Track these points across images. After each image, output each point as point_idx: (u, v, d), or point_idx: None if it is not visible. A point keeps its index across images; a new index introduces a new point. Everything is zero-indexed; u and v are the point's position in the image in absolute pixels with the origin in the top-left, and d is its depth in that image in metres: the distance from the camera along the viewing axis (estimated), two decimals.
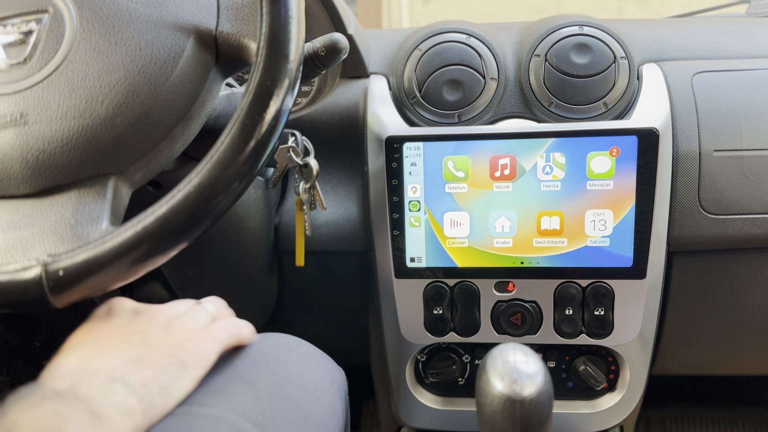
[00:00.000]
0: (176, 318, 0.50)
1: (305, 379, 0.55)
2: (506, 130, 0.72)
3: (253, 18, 0.54)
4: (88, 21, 0.52)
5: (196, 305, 0.54)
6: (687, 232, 0.73)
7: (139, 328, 0.48)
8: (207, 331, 0.50)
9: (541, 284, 0.75)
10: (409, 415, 0.86)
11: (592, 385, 0.80)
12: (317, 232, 0.79)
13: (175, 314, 0.51)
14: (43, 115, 0.50)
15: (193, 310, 0.53)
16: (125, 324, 0.48)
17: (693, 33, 0.82)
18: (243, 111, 0.48)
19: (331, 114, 0.80)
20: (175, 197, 0.47)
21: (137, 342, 0.46)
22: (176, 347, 0.47)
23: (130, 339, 0.46)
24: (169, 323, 0.49)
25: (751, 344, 0.86)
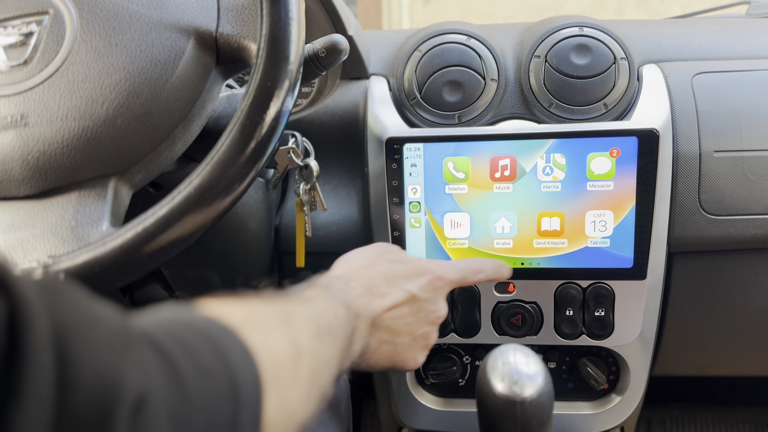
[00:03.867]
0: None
1: None
2: (506, 131, 0.72)
3: (254, 19, 0.54)
4: (88, 22, 0.52)
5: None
6: (687, 233, 0.73)
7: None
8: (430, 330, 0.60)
9: (542, 285, 0.75)
10: (409, 416, 0.86)
11: (593, 386, 0.80)
12: (317, 233, 0.79)
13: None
14: (43, 116, 0.50)
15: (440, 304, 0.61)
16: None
17: (693, 34, 0.82)
18: (243, 112, 0.48)
19: (331, 115, 0.80)
20: (175, 198, 0.47)
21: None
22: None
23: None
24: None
25: (752, 345, 0.85)
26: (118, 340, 0.27)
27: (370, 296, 0.54)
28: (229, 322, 0.34)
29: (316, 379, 0.40)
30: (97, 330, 0.26)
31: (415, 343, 0.58)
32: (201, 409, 0.29)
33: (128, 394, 0.25)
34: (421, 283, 0.58)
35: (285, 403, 0.36)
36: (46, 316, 0.24)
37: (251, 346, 0.34)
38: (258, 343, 0.34)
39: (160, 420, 0.26)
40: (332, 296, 0.49)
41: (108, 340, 0.26)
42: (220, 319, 0.34)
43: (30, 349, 0.22)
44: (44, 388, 0.23)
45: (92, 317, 0.27)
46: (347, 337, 0.47)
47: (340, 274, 0.56)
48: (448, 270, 0.61)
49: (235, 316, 0.36)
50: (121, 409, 0.25)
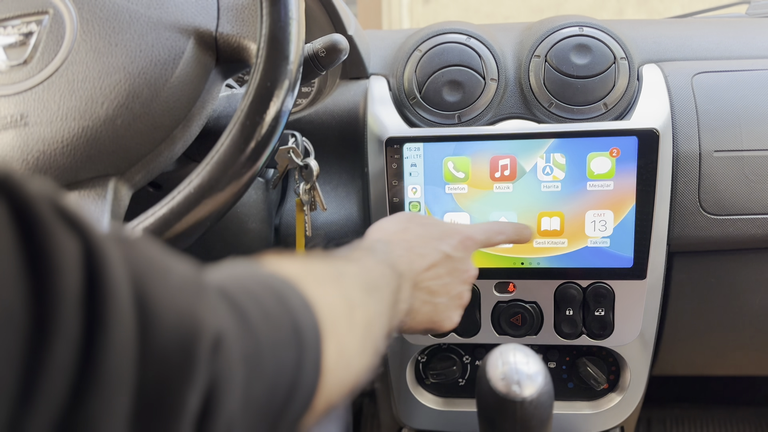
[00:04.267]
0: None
1: None
2: (506, 130, 0.72)
3: (254, 19, 0.54)
4: (88, 22, 0.52)
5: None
6: (687, 233, 0.73)
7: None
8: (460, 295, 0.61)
9: (542, 285, 0.75)
10: (409, 416, 0.86)
11: (593, 385, 0.80)
12: (317, 233, 0.79)
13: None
14: (43, 116, 0.50)
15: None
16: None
17: (693, 33, 0.82)
18: (243, 112, 0.48)
19: (331, 115, 0.79)
20: (175, 198, 0.47)
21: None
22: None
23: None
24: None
25: (752, 344, 0.85)
26: (192, 285, 0.28)
27: (411, 257, 0.55)
28: (288, 276, 0.36)
29: (369, 332, 0.42)
30: (172, 275, 0.27)
31: (451, 302, 0.59)
32: (269, 353, 0.31)
33: (207, 334, 0.26)
34: (453, 243, 0.59)
35: (342, 351, 0.37)
36: (121, 258, 0.24)
37: (309, 297, 0.35)
38: (315, 294, 0.36)
39: (236, 360, 0.28)
40: (376, 257, 0.50)
41: (183, 285, 0.27)
42: (280, 273, 0.36)
43: (109, 286, 0.23)
44: (126, 324, 0.23)
45: (166, 264, 0.27)
46: (393, 294, 0.48)
47: (380, 237, 0.57)
48: (475, 230, 0.63)
49: (292, 270, 0.37)
50: (201, 347, 0.26)
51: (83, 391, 0.21)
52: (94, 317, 0.22)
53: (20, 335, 0.20)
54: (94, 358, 0.22)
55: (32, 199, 0.22)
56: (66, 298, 0.21)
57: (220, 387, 0.27)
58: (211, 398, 0.26)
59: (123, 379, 0.23)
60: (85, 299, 0.22)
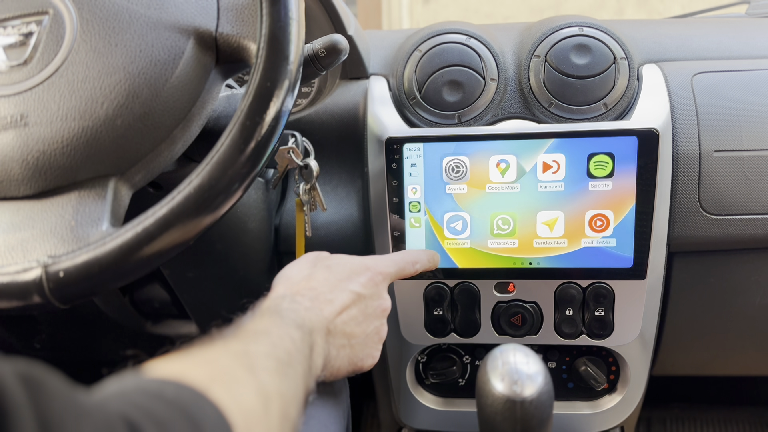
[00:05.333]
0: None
1: None
2: (506, 130, 0.72)
3: (253, 19, 0.54)
4: (88, 22, 0.52)
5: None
6: (687, 233, 0.73)
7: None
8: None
9: (542, 285, 0.75)
10: (409, 416, 0.86)
11: (593, 385, 0.80)
12: (317, 233, 0.79)
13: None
14: (43, 116, 0.50)
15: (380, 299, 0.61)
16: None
17: (693, 33, 0.82)
18: (243, 112, 0.48)
19: (331, 115, 0.80)
20: (175, 198, 0.47)
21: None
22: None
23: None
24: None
25: (752, 344, 0.86)
26: (103, 430, 0.27)
27: (319, 305, 0.54)
28: (197, 384, 0.34)
29: (286, 419, 0.41)
30: (83, 423, 0.26)
31: (368, 339, 0.59)
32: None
33: None
34: (362, 281, 0.59)
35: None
36: (31, 413, 0.23)
37: (223, 407, 0.34)
38: (228, 401, 0.35)
39: None
40: (283, 321, 0.49)
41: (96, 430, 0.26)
42: (187, 382, 0.34)
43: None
44: None
45: (77, 408, 0.26)
46: (307, 360, 0.48)
47: (284, 293, 0.55)
48: (385, 264, 0.62)
49: (200, 374, 0.36)
50: None
51: None
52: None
53: None
54: None
55: None
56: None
57: None
58: None
59: None
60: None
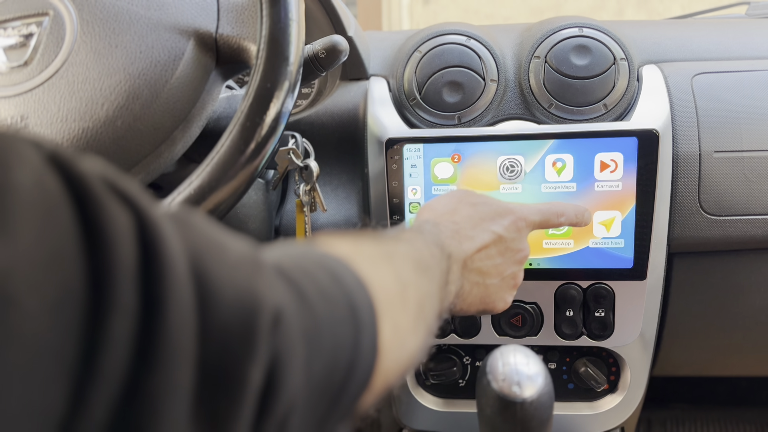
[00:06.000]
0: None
1: None
2: (506, 131, 0.72)
3: (253, 20, 0.54)
4: (88, 24, 0.52)
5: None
6: (687, 233, 0.73)
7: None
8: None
9: (542, 286, 0.75)
10: (409, 417, 0.86)
11: (593, 386, 0.80)
12: (318, 233, 0.79)
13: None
14: (43, 117, 0.50)
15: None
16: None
17: (693, 34, 0.82)
18: (243, 113, 0.48)
19: (331, 116, 0.80)
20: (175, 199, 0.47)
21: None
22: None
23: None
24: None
25: (752, 345, 0.85)
26: (249, 262, 0.27)
27: (459, 239, 0.54)
28: (341, 255, 0.36)
29: (421, 311, 0.42)
30: (229, 252, 0.27)
31: (504, 283, 0.59)
32: (328, 330, 0.31)
33: (266, 309, 0.26)
34: (505, 224, 0.58)
35: (397, 329, 0.38)
36: (177, 234, 0.24)
37: (363, 276, 0.36)
38: (368, 273, 0.36)
39: (296, 336, 0.28)
40: (425, 238, 0.50)
41: (240, 261, 0.27)
42: (333, 253, 0.36)
43: (165, 261, 0.22)
44: (185, 299, 0.23)
45: (222, 241, 0.27)
46: (444, 275, 0.48)
47: (428, 218, 0.56)
48: (530, 211, 0.61)
49: (345, 250, 0.38)
50: (261, 323, 0.25)
51: (144, 367, 0.21)
52: (152, 292, 0.22)
53: (78, 310, 0.20)
54: (153, 333, 0.21)
55: (85, 175, 0.22)
56: (121, 273, 0.21)
57: (282, 363, 0.26)
58: (274, 374, 0.26)
59: (184, 355, 0.22)
60: (142, 274, 0.22)
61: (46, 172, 0.21)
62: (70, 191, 0.21)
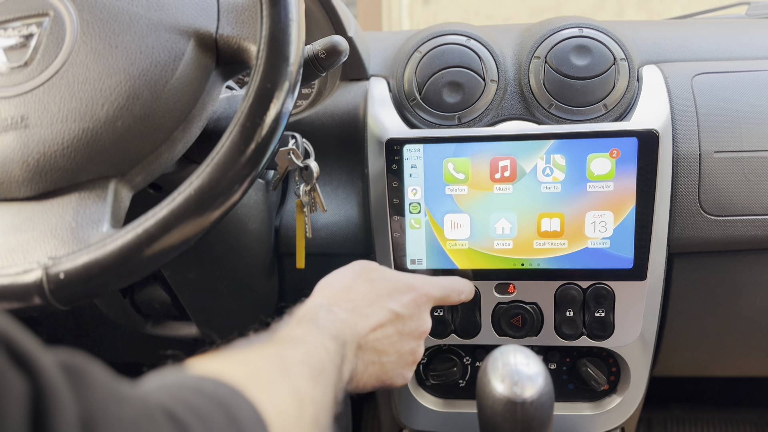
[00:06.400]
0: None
1: None
2: (506, 131, 0.72)
3: (254, 21, 0.54)
4: (88, 24, 0.52)
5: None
6: (687, 234, 0.73)
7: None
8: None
9: (542, 286, 0.75)
10: (410, 417, 0.86)
11: (593, 386, 0.80)
12: (318, 234, 0.79)
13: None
14: (43, 118, 0.50)
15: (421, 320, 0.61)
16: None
17: (693, 34, 0.82)
18: (243, 114, 0.48)
19: (331, 116, 0.80)
20: (175, 200, 0.47)
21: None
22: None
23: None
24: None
25: (753, 345, 0.85)
26: (144, 418, 0.27)
27: (355, 318, 0.54)
28: (234, 382, 0.35)
29: (317, 424, 0.41)
30: (124, 410, 0.26)
31: (401, 360, 0.59)
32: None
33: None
34: (404, 301, 0.58)
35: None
36: (73, 399, 0.24)
37: (259, 405, 0.34)
38: (264, 400, 0.35)
39: None
40: (320, 330, 0.49)
41: (135, 420, 0.26)
42: (225, 380, 0.35)
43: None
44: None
45: (117, 397, 0.27)
46: (338, 371, 0.48)
47: (322, 302, 0.55)
48: (431, 287, 0.62)
49: (237, 373, 0.36)
50: None
51: None
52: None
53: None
54: None
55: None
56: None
57: None
58: None
59: None
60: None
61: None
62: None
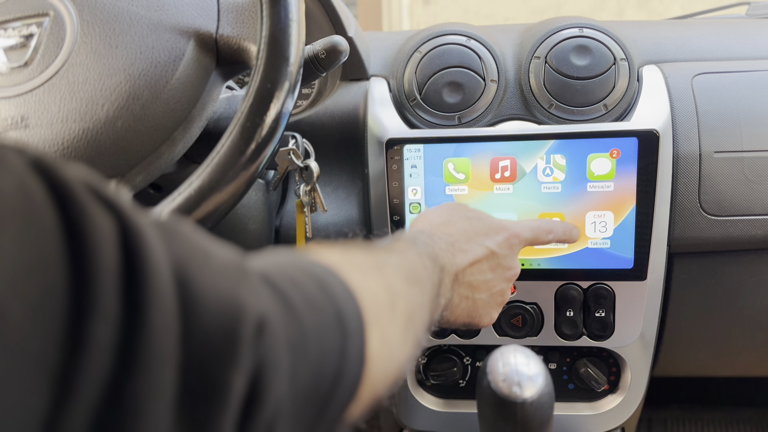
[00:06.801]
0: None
1: None
2: (507, 132, 0.72)
3: (254, 21, 0.54)
4: (88, 24, 0.52)
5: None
6: (687, 234, 0.73)
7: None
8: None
9: (542, 286, 0.75)
10: (410, 417, 0.86)
11: (594, 386, 0.80)
12: (318, 234, 0.79)
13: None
14: (44, 118, 0.50)
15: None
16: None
17: (693, 34, 0.82)
18: (243, 114, 0.48)
19: (331, 116, 0.80)
20: (175, 200, 0.47)
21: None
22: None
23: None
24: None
25: (753, 345, 0.85)
26: (234, 269, 0.27)
27: (453, 251, 0.54)
28: (330, 264, 0.36)
29: (410, 322, 0.42)
30: (214, 259, 0.27)
31: (492, 299, 0.59)
32: (314, 338, 0.30)
33: (250, 317, 0.26)
34: (498, 240, 0.58)
35: (385, 340, 0.37)
36: (161, 240, 0.24)
37: (351, 286, 0.35)
38: (357, 283, 0.36)
39: (281, 345, 0.28)
40: (418, 249, 0.49)
41: (225, 269, 0.27)
42: (322, 261, 0.36)
43: (148, 267, 0.22)
44: (168, 305, 0.23)
45: (207, 248, 0.27)
46: (435, 287, 0.48)
47: (423, 229, 0.56)
48: (522, 228, 0.62)
49: (334, 259, 0.37)
50: (245, 331, 0.25)
51: (126, 371, 0.21)
52: (134, 297, 0.22)
53: (60, 314, 0.20)
54: (135, 338, 0.21)
55: (68, 181, 0.22)
56: (104, 278, 0.21)
57: (266, 371, 0.26)
58: (258, 383, 0.26)
59: (166, 360, 0.22)
60: (125, 279, 0.22)
61: (30, 178, 0.21)
62: (53, 197, 0.21)
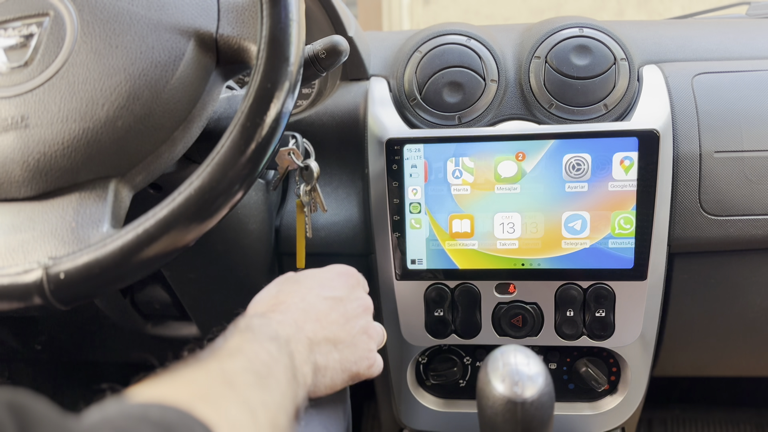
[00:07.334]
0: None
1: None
2: (507, 131, 0.72)
3: (254, 21, 0.54)
4: (88, 24, 0.52)
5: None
6: (688, 234, 0.73)
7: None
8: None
9: (542, 286, 0.75)
10: (410, 417, 0.86)
11: (594, 386, 0.80)
12: (318, 234, 0.79)
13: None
14: (44, 118, 0.50)
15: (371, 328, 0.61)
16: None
17: (693, 34, 0.82)
18: (243, 114, 0.48)
19: (331, 116, 0.80)
20: (175, 200, 0.47)
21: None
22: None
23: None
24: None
25: (753, 345, 0.85)
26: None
27: (293, 317, 0.53)
28: (180, 403, 0.33)
29: (276, 428, 0.40)
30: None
31: (357, 341, 0.57)
32: None
33: None
34: (335, 285, 0.58)
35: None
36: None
37: (210, 424, 0.33)
38: (215, 417, 0.34)
39: None
40: (256, 336, 0.47)
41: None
42: (171, 403, 0.33)
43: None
44: None
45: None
46: (290, 370, 0.46)
47: (255, 313, 0.54)
48: (353, 268, 0.62)
49: (182, 394, 0.35)
50: None
51: None
52: None
53: None
54: None
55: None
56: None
57: None
58: None
59: None
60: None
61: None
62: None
